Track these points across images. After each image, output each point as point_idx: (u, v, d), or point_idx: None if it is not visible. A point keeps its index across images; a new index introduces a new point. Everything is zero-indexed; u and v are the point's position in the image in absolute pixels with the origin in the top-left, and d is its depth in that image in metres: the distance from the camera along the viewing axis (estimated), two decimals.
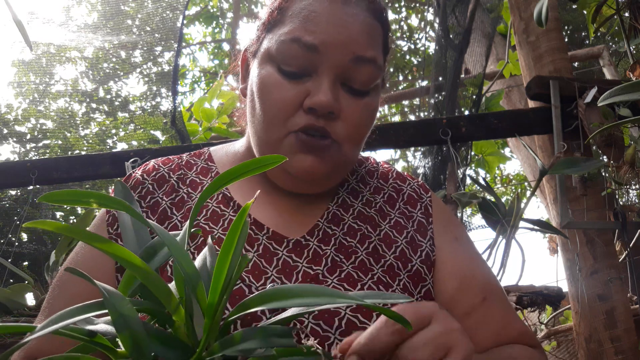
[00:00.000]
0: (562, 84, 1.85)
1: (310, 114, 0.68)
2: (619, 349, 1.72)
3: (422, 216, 0.79)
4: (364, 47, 0.69)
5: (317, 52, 0.68)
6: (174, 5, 2.89)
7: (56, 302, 0.69)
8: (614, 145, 1.74)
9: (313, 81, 0.69)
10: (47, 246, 2.74)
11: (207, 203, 0.75)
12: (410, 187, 0.83)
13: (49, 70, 3.49)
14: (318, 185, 0.75)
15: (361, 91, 0.71)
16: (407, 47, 7.88)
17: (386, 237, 0.75)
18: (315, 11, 0.69)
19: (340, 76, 0.69)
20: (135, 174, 0.79)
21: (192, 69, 8.88)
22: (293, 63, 0.69)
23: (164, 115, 2.94)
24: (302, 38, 0.68)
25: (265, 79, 0.70)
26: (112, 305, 0.32)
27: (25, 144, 3.45)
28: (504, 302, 0.76)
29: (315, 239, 0.73)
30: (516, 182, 7.93)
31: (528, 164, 4.34)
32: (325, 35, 0.67)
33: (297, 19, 0.69)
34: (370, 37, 0.71)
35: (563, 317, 3.28)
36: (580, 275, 1.80)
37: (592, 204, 1.82)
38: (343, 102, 0.70)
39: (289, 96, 0.69)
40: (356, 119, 0.71)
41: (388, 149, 2.06)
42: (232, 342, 0.35)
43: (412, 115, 7.49)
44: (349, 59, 0.68)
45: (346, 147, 0.72)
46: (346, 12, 0.69)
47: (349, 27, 0.68)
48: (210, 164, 0.82)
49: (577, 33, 6.22)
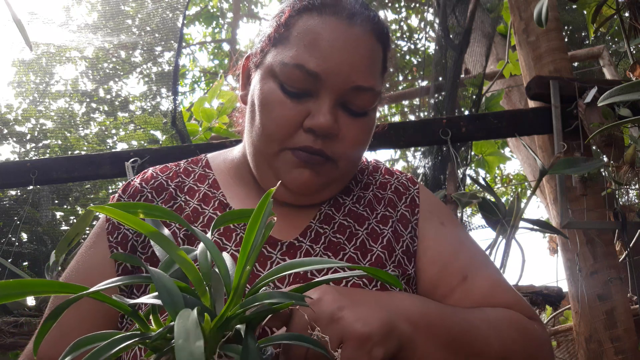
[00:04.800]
0: (562, 84, 1.85)
1: (309, 134, 0.71)
2: (619, 349, 1.72)
3: (406, 208, 0.80)
4: (364, 76, 0.72)
5: (319, 78, 0.70)
6: (174, 5, 2.89)
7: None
8: (614, 145, 1.74)
9: (314, 102, 0.71)
10: (47, 246, 2.73)
11: (204, 210, 0.76)
12: (398, 180, 0.85)
13: (49, 70, 3.49)
14: (312, 199, 0.77)
15: (359, 112, 0.74)
16: (407, 47, 7.88)
17: (373, 232, 0.77)
18: (320, 34, 0.71)
19: (340, 99, 0.72)
20: (134, 182, 0.80)
21: (192, 69, 8.89)
22: (295, 85, 0.71)
23: (164, 115, 2.94)
24: (305, 65, 0.70)
25: (267, 94, 0.72)
26: (156, 276, 0.41)
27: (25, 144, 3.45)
28: (491, 277, 0.75)
29: (307, 240, 0.75)
30: (516, 182, 7.93)
31: (528, 164, 4.34)
32: (327, 63, 0.70)
33: (302, 42, 0.71)
34: (371, 65, 0.73)
35: (563, 317, 3.28)
36: (580, 275, 1.80)
37: (592, 204, 1.82)
38: (342, 123, 0.72)
39: (290, 115, 0.71)
40: (354, 138, 0.73)
41: (388, 149, 2.06)
42: (255, 300, 0.43)
43: (412, 115, 7.49)
44: (349, 87, 0.71)
45: (342, 163, 0.74)
46: (350, 36, 0.71)
47: (351, 55, 0.71)
48: (208, 170, 0.83)
49: (577, 33, 6.22)
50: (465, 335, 0.61)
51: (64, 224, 2.93)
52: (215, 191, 0.79)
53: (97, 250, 0.74)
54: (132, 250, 0.73)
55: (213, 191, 0.79)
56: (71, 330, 0.69)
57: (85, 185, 3.14)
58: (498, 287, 0.74)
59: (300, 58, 0.70)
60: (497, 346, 0.63)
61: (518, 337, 0.66)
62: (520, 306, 0.72)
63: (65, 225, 2.91)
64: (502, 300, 0.72)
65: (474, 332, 0.62)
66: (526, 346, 0.66)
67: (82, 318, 0.69)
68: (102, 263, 0.72)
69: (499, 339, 0.63)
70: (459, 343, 0.60)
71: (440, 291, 0.73)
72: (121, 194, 0.79)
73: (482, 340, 0.62)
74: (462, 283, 0.73)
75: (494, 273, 0.76)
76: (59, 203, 3.00)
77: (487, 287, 0.73)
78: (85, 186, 3.15)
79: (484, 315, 0.66)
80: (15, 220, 2.57)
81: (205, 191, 0.79)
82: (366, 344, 0.51)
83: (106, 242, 0.74)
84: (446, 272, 0.74)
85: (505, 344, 0.64)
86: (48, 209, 2.81)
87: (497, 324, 0.65)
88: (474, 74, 2.49)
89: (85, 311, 0.69)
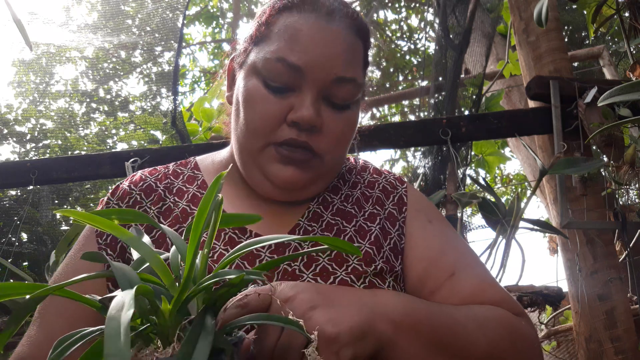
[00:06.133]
0: (562, 84, 1.85)
1: (293, 128, 0.72)
2: (619, 349, 1.72)
3: (394, 207, 0.81)
4: (345, 68, 0.73)
5: (300, 72, 0.71)
6: (174, 5, 2.89)
7: (48, 313, 0.71)
8: (614, 145, 1.74)
9: (297, 96, 0.72)
10: (47, 246, 2.74)
11: (193, 210, 0.77)
12: (386, 179, 0.85)
13: (49, 70, 3.49)
14: (300, 195, 0.77)
15: (342, 105, 0.75)
16: (407, 47, 7.88)
17: (361, 229, 0.77)
18: (301, 30, 0.72)
19: (322, 92, 0.73)
20: (123, 185, 0.81)
21: (192, 69, 8.88)
22: (278, 80, 0.72)
23: (164, 115, 2.95)
24: (286, 58, 0.71)
25: (251, 91, 0.73)
26: (119, 271, 0.42)
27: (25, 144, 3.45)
28: (479, 274, 0.75)
29: None
30: (516, 182, 7.93)
31: (528, 164, 4.34)
32: (308, 56, 0.71)
33: (282, 38, 0.73)
34: (351, 57, 0.74)
35: (563, 317, 3.28)
36: (580, 275, 1.80)
37: (592, 204, 1.83)
38: (325, 116, 0.73)
39: (274, 110, 0.72)
40: (338, 132, 0.74)
41: (388, 149, 2.06)
42: (214, 276, 0.44)
43: (412, 115, 7.49)
44: (331, 79, 0.72)
45: (327, 158, 0.75)
46: (330, 31, 0.73)
47: (331, 47, 0.72)
48: (197, 172, 0.84)
49: (577, 33, 6.22)
50: (452, 334, 0.61)
51: (64, 224, 2.93)
52: (204, 192, 0.79)
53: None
54: (122, 251, 0.74)
55: (202, 192, 0.79)
56: (57, 333, 0.69)
57: (85, 185, 3.14)
58: (485, 284, 0.74)
59: (282, 52, 0.71)
60: (484, 345, 0.63)
61: (506, 335, 0.66)
62: (507, 303, 0.72)
63: (65, 225, 2.92)
64: (490, 297, 0.72)
65: (461, 331, 0.62)
66: (514, 344, 0.66)
67: (68, 321, 0.70)
68: (90, 265, 0.72)
69: (486, 338, 0.63)
70: (446, 342, 0.60)
71: (428, 288, 0.73)
72: (110, 196, 0.79)
73: (470, 339, 0.62)
74: (449, 280, 0.73)
75: (482, 271, 0.77)
76: (59, 203, 3.00)
77: (474, 284, 0.73)
78: (85, 186, 3.15)
79: (471, 314, 0.66)
80: (15, 220, 2.57)
81: (194, 192, 0.79)
82: (333, 345, 0.51)
83: (95, 245, 0.75)
84: (433, 269, 0.74)
85: (493, 342, 0.64)
86: (48, 209, 2.81)
87: (484, 322, 0.65)
88: (474, 74, 2.49)
89: (71, 314, 0.70)
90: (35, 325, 0.71)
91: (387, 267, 0.73)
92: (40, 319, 0.71)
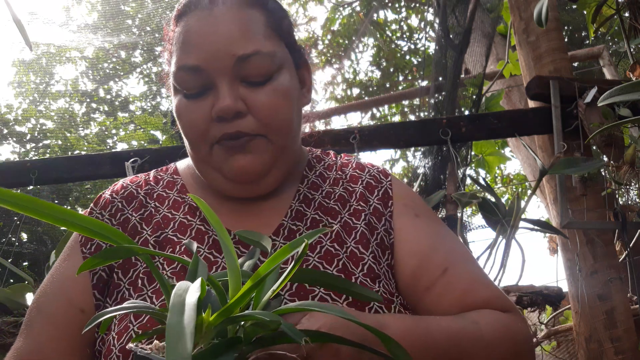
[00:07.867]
0: (562, 84, 1.85)
1: (221, 123, 0.71)
2: (619, 349, 1.72)
3: (379, 201, 0.79)
4: (242, 45, 0.71)
5: (202, 70, 0.71)
6: (174, 5, 2.89)
7: (35, 323, 0.71)
8: (614, 145, 1.74)
9: (214, 93, 0.72)
10: (47, 246, 2.73)
11: (175, 215, 0.77)
12: (369, 174, 0.83)
13: (49, 70, 3.49)
14: (262, 185, 0.76)
15: (262, 81, 0.73)
16: (407, 47, 7.88)
17: (346, 225, 0.76)
18: (189, 30, 0.73)
19: (234, 77, 0.72)
20: (105, 194, 0.82)
21: None
22: (190, 86, 0.73)
23: (164, 115, 2.95)
24: (185, 64, 0.72)
25: (177, 107, 0.75)
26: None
27: (25, 144, 3.45)
28: (471, 271, 0.75)
29: (281, 238, 0.74)
30: (516, 182, 7.93)
31: (528, 164, 4.34)
32: (202, 52, 0.71)
33: (178, 46, 0.74)
34: (246, 32, 0.72)
35: (563, 317, 3.28)
36: (580, 275, 1.80)
37: (592, 204, 1.82)
38: (248, 98, 0.72)
39: (198, 115, 0.73)
40: (266, 106, 0.72)
41: (388, 149, 2.06)
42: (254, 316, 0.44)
43: (412, 115, 7.49)
44: (233, 62, 0.71)
45: (272, 136, 0.73)
46: (214, 18, 0.72)
47: (219, 33, 0.71)
48: (176, 176, 0.84)
49: (577, 33, 6.22)
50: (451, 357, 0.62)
51: None
52: (184, 196, 0.80)
53: (70, 262, 0.75)
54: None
55: (182, 196, 0.80)
56: (45, 342, 0.70)
57: (85, 185, 3.14)
58: (477, 281, 0.74)
59: (180, 60, 0.73)
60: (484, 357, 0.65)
61: (510, 347, 0.68)
62: (500, 300, 0.72)
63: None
64: (483, 295, 0.72)
65: (463, 356, 0.63)
66: (517, 356, 0.68)
67: (57, 331, 0.70)
68: (76, 273, 0.73)
69: (488, 358, 0.65)
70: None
71: (422, 284, 0.73)
72: (93, 206, 0.80)
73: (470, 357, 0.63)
74: (442, 276, 0.73)
75: (472, 267, 0.77)
76: (59, 203, 3.00)
77: (467, 282, 0.73)
78: (85, 186, 3.15)
79: (478, 334, 0.66)
80: (15, 220, 2.57)
81: (174, 197, 0.80)
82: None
83: (80, 254, 0.75)
84: (426, 264, 0.74)
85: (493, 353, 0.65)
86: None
87: (490, 341, 0.66)
88: (474, 74, 2.49)
89: (61, 324, 0.70)
90: (22, 336, 0.71)
91: (375, 264, 0.73)
92: (28, 330, 0.71)
